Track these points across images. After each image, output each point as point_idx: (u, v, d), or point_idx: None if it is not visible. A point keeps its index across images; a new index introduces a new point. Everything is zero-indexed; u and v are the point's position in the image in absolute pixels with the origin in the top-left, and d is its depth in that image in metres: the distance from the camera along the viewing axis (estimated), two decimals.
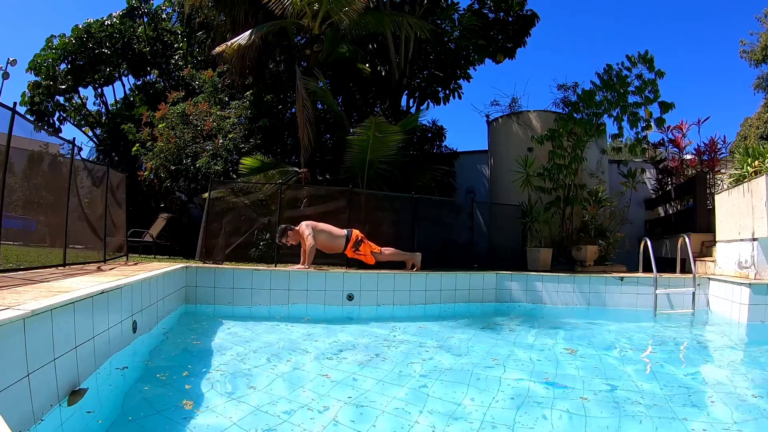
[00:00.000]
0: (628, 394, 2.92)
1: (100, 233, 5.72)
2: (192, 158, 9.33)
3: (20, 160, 4.90)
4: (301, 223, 6.37)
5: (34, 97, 14.43)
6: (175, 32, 14.18)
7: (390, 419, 2.49)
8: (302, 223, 6.36)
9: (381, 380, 3.15)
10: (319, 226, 6.41)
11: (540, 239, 8.19)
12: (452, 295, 6.40)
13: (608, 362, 3.79)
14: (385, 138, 8.04)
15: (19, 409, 1.90)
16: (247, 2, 9.73)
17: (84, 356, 2.55)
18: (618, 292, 6.33)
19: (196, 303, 5.46)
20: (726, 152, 8.93)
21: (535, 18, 12.12)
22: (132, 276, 3.86)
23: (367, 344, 4.28)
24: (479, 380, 3.22)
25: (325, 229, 6.40)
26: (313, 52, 9.07)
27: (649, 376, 3.43)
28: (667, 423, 2.48)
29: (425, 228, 7.72)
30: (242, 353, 3.74)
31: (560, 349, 4.23)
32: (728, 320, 5.29)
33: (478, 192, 11.33)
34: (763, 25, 21.04)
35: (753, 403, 2.83)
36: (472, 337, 4.69)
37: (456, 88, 12.57)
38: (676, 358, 4.13)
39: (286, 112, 10.56)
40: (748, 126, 20.86)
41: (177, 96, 10.21)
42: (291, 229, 6.33)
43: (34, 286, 3.01)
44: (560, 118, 8.82)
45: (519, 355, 4.00)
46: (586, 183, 8.85)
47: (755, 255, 5.32)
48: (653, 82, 8.28)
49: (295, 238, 6.35)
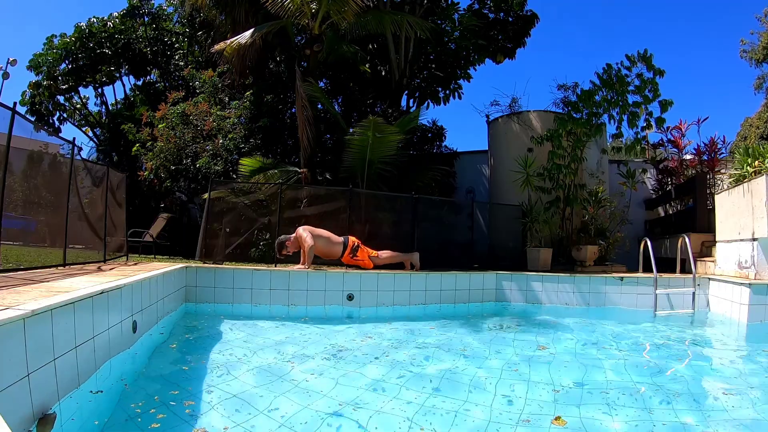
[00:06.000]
0: (628, 394, 2.92)
1: (100, 233, 5.72)
2: (192, 158, 9.33)
3: (20, 160, 4.89)
4: (298, 229, 6.36)
5: (35, 97, 14.45)
6: (176, 32, 14.18)
7: (390, 420, 2.49)
8: (299, 228, 6.35)
9: (381, 380, 3.15)
10: (317, 231, 6.39)
11: (540, 239, 8.19)
12: (452, 296, 6.39)
13: (608, 362, 3.79)
14: (384, 138, 8.04)
15: (20, 409, 1.90)
16: (247, 2, 9.73)
17: (84, 356, 2.55)
18: (618, 292, 6.33)
19: (196, 303, 5.47)
20: (726, 152, 8.92)
21: (535, 18, 12.13)
22: (132, 276, 3.86)
23: (368, 344, 4.28)
24: (479, 381, 3.22)
25: (323, 235, 6.39)
26: (313, 52, 9.06)
27: (648, 376, 3.42)
28: (668, 423, 2.48)
29: (425, 228, 7.72)
30: (242, 353, 3.74)
31: (560, 349, 4.23)
32: (728, 320, 5.28)
33: (478, 192, 11.33)
34: (764, 25, 21.04)
35: (753, 403, 2.83)
36: (473, 338, 4.69)
37: (456, 88, 12.57)
38: (676, 358, 4.13)
39: (286, 112, 10.56)
40: (748, 126, 20.85)
41: (177, 96, 10.21)
42: (288, 239, 6.32)
43: (34, 286, 3.01)
44: (559, 118, 8.82)
45: (520, 355, 4.00)
46: (586, 183, 8.84)
47: (755, 255, 5.32)
48: (653, 81, 8.27)
49: (295, 246, 6.33)
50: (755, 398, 2.90)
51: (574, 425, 2.46)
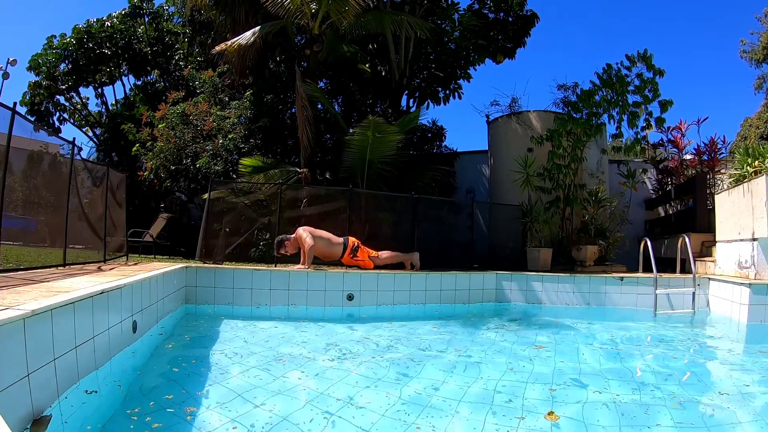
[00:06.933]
0: (626, 394, 2.92)
1: (100, 233, 5.72)
2: (192, 158, 9.33)
3: (20, 160, 4.89)
4: (298, 229, 6.36)
5: (35, 97, 14.43)
6: (177, 32, 14.18)
7: (389, 419, 2.49)
8: (299, 229, 6.35)
9: (381, 380, 3.15)
10: (317, 232, 6.37)
11: (540, 239, 8.19)
12: (452, 296, 6.40)
13: (608, 362, 3.79)
14: (384, 138, 8.05)
15: (19, 409, 1.90)
16: (247, 2, 9.74)
17: (84, 356, 2.55)
18: (618, 292, 6.33)
19: (196, 303, 5.46)
20: (726, 152, 8.92)
21: (535, 18, 12.13)
22: (132, 276, 3.86)
23: (367, 344, 4.28)
24: (478, 381, 3.22)
25: (323, 236, 6.38)
26: (313, 52, 9.06)
27: (648, 377, 3.42)
28: (669, 423, 2.48)
29: (425, 228, 7.72)
30: (242, 353, 3.74)
31: (559, 349, 4.23)
32: (728, 320, 5.28)
33: (478, 192, 11.33)
34: (764, 25, 21.03)
35: (753, 402, 2.83)
36: (472, 338, 4.69)
37: (456, 88, 12.57)
38: (675, 358, 4.13)
39: (286, 112, 10.56)
40: (748, 126, 20.82)
41: (177, 96, 10.21)
42: (287, 239, 6.30)
43: (34, 286, 3.01)
44: (559, 118, 8.82)
45: (520, 355, 4.00)
46: (586, 183, 8.84)
47: (755, 255, 5.32)
48: (653, 81, 8.28)
49: (294, 246, 6.33)
50: (755, 398, 2.90)
51: (568, 422, 2.46)
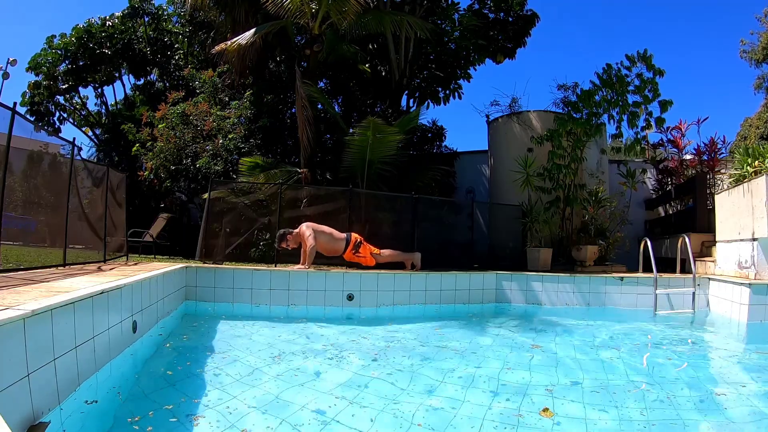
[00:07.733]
0: (624, 393, 2.92)
1: (100, 233, 5.72)
2: (192, 158, 9.33)
3: (20, 160, 4.89)
4: (302, 225, 6.32)
5: (35, 97, 14.42)
6: (176, 32, 14.18)
7: (388, 418, 2.49)
8: (302, 225, 6.31)
9: (380, 379, 3.15)
10: (320, 227, 6.33)
11: (540, 239, 8.19)
12: (452, 296, 6.39)
13: (607, 361, 3.79)
14: (384, 138, 8.05)
15: (19, 410, 1.90)
16: (247, 2, 9.74)
17: (84, 356, 2.55)
18: (618, 292, 6.33)
19: (196, 303, 5.46)
20: (726, 152, 8.92)
21: (535, 18, 12.13)
22: (132, 276, 3.86)
23: (367, 344, 4.28)
24: (477, 381, 3.22)
25: (326, 231, 6.34)
26: (313, 52, 9.06)
27: (647, 377, 3.43)
28: (668, 423, 2.48)
29: (425, 228, 7.72)
30: (241, 353, 3.74)
31: (559, 348, 4.23)
32: (728, 320, 5.28)
33: (478, 192, 11.33)
34: (764, 25, 21.03)
35: (753, 402, 2.83)
36: (472, 337, 4.69)
37: (456, 88, 12.58)
38: (674, 358, 4.12)
39: (286, 112, 10.56)
40: (748, 126, 20.82)
41: (177, 96, 10.21)
42: (289, 233, 6.25)
43: (34, 286, 3.01)
44: (559, 118, 8.82)
45: (519, 355, 4.00)
46: (586, 183, 8.85)
47: (755, 255, 5.32)
48: (653, 81, 8.27)
49: (296, 241, 6.29)
50: (754, 398, 2.90)
51: (565, 421, 2.47)
